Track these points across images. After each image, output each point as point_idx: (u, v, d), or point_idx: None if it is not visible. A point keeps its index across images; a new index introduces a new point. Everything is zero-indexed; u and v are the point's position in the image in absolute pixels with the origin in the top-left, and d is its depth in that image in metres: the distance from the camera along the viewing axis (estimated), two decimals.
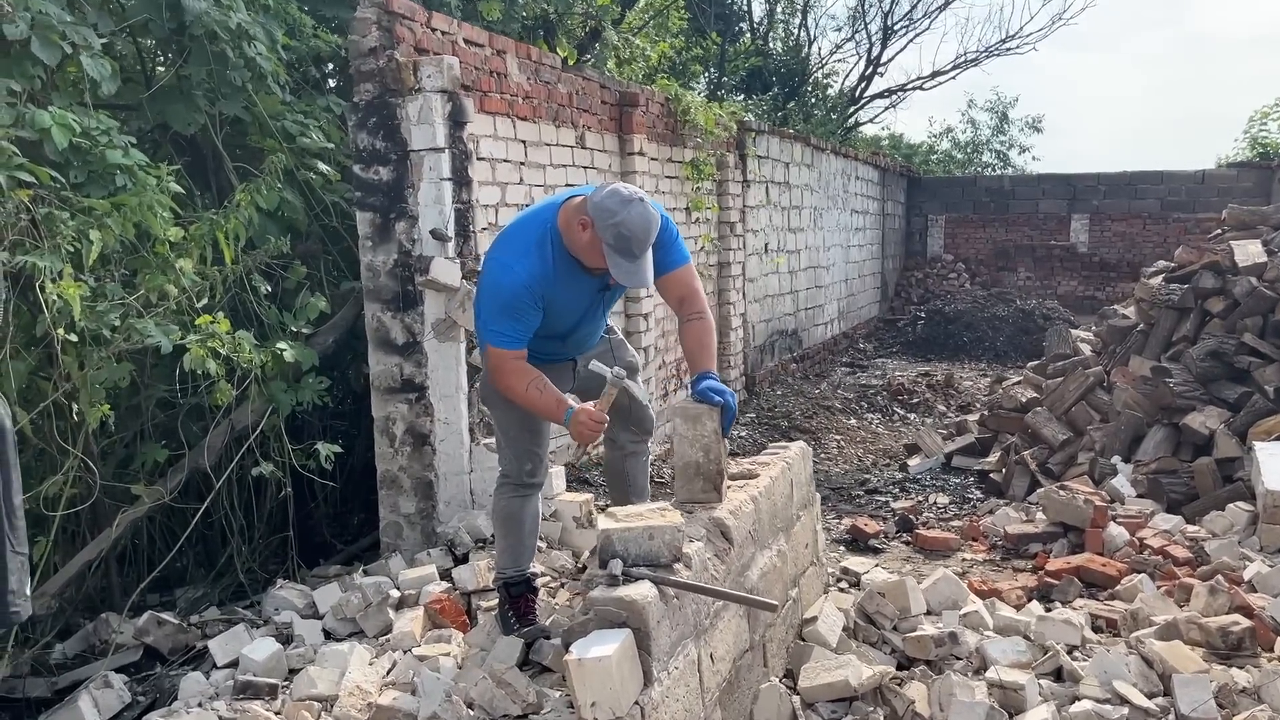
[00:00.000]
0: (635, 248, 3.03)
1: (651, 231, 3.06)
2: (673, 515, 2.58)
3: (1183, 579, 4.67)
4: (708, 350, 3.34)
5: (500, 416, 3.50)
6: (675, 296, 3.38)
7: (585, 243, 3.08)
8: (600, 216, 3.02)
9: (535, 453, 3.51)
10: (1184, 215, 16.37)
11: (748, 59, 13.60)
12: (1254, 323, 6.32)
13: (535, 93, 5.63)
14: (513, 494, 3.52)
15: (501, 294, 3.12)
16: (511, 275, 3.11)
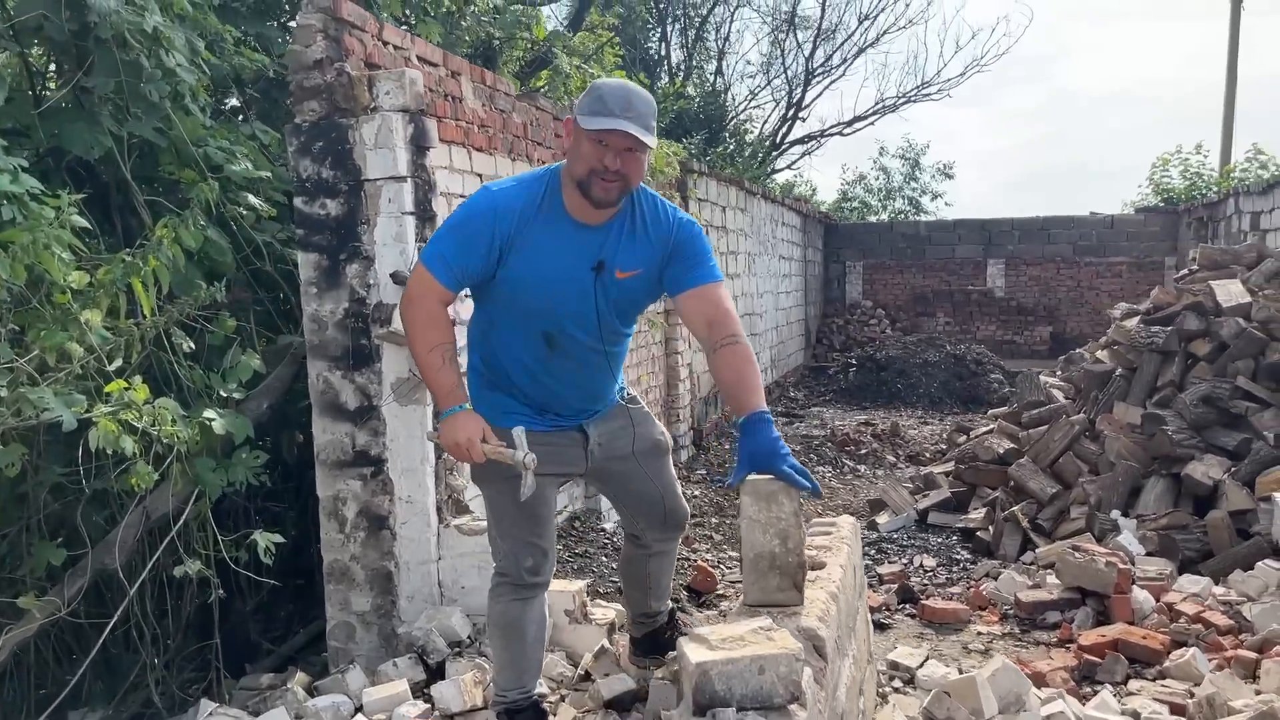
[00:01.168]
0: (611, 101, 2.53)
1: (629, 89, 2.58)
2: (782, 637, 1.95)
3: (1232, 650, 4.23)
4: (752, 385, 2.66)
5: (494, 497, 2.88)
6: (702, 318, 2.73)
7: (571, 144, 2.63)
8: (579, 103, 2.64)
9: (538, 545, 2.90)
10: (1095, 259, 16.61)
11: (675, 101, 13.22)
12: (1245, 365, 6.04)
13: (490, 121, 5.00)
14: (512, 597, 2.93)
15: (462, 210, 2.70)
16: (483, 194, 2.72)
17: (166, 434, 3.19)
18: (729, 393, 2.71)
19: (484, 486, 2.92)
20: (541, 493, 2.82)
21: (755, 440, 2.54)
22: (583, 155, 2.57)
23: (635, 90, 2.59)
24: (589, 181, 2.58)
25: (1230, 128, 17.27)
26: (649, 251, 2.73)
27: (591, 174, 2.56)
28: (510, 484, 2.75)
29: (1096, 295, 16.55)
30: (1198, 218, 14.72)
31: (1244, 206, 12.60)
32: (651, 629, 3.37)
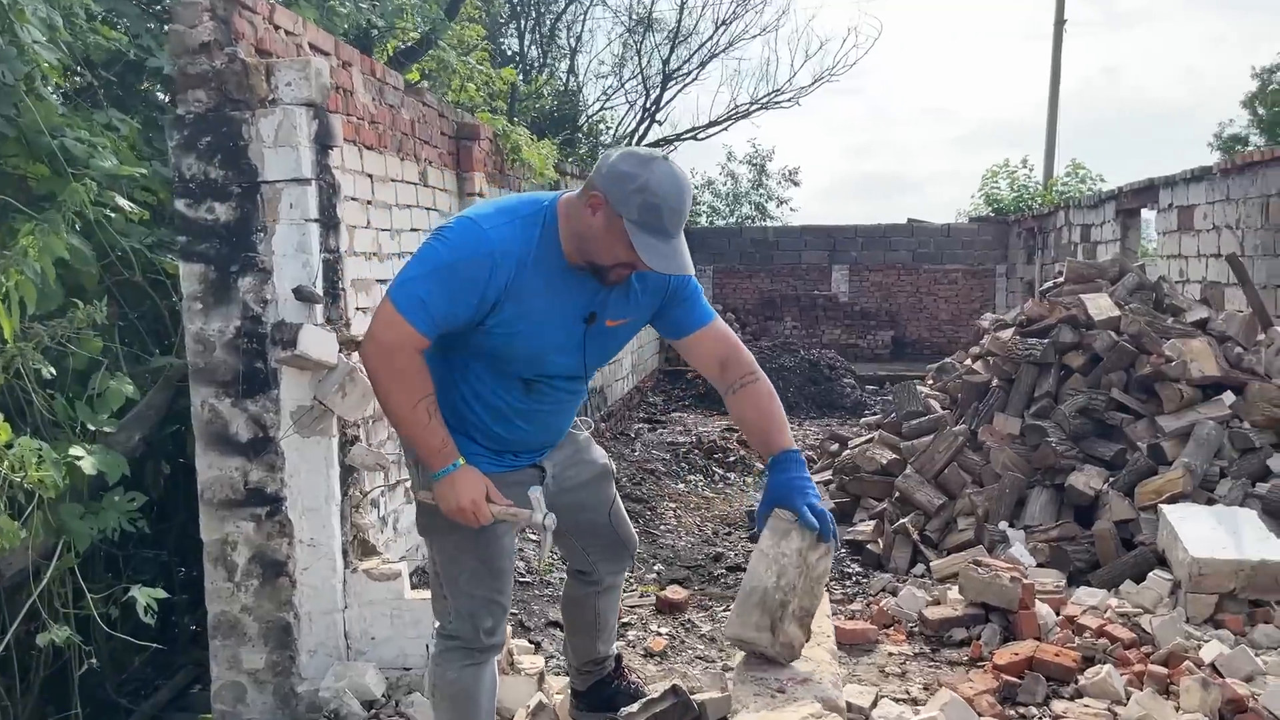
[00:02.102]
0: (669, 220, 2.25)
1: (686, 199, 2.30)
2: (830, 712, 1.72)
3: (1140, 665, 4.30)
4: (780, 423, 2.54)
5: (449, 550, 2.55)
6: (715, 359, 2.57)
7: (598, 229, 2.28)
8: (616, 185, 2.25)
9: (497, 602, 2.61)
10: (933, 266, 17.24)
11: (536, 100, 12.85)
12: (1118, 377, 6.24)
13: (381, 117, 4.58)
14: (465, 662, 2.62)
15: (448, 249, 2.30)
16: (473, 232, 2.31)
17: (31, 480, 2.68)
18: (754, 432, 2.56)
19: (434, 537, 2.58)
20: (501, 543, 2.56)
21: (785, 477, 2.42)
22: (613, 251, 2.30)
23: (688, 193, 2.32)
24: (607, 271, 2.34)
25: (1053, 143, 18.30)
26: (644, 299, 2.52)
27: (614, 266, 2.33)
28: (472, 534, 2.45)
29: (934, 301, 17.20)
30: (1028, 228, 15.47)
31: (1074, 219, 13.29)
32: (598, 678, 3.09)
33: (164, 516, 4.00)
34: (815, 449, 9.59)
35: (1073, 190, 17.07)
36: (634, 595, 5.62)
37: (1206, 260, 9.15)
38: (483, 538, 2.49)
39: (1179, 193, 9.81)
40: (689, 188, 2.33)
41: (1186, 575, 4.80)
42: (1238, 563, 4.68)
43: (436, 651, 2.64)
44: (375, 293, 4.34)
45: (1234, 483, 5.43)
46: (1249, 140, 26.56)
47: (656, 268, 2.26)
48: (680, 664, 4.62)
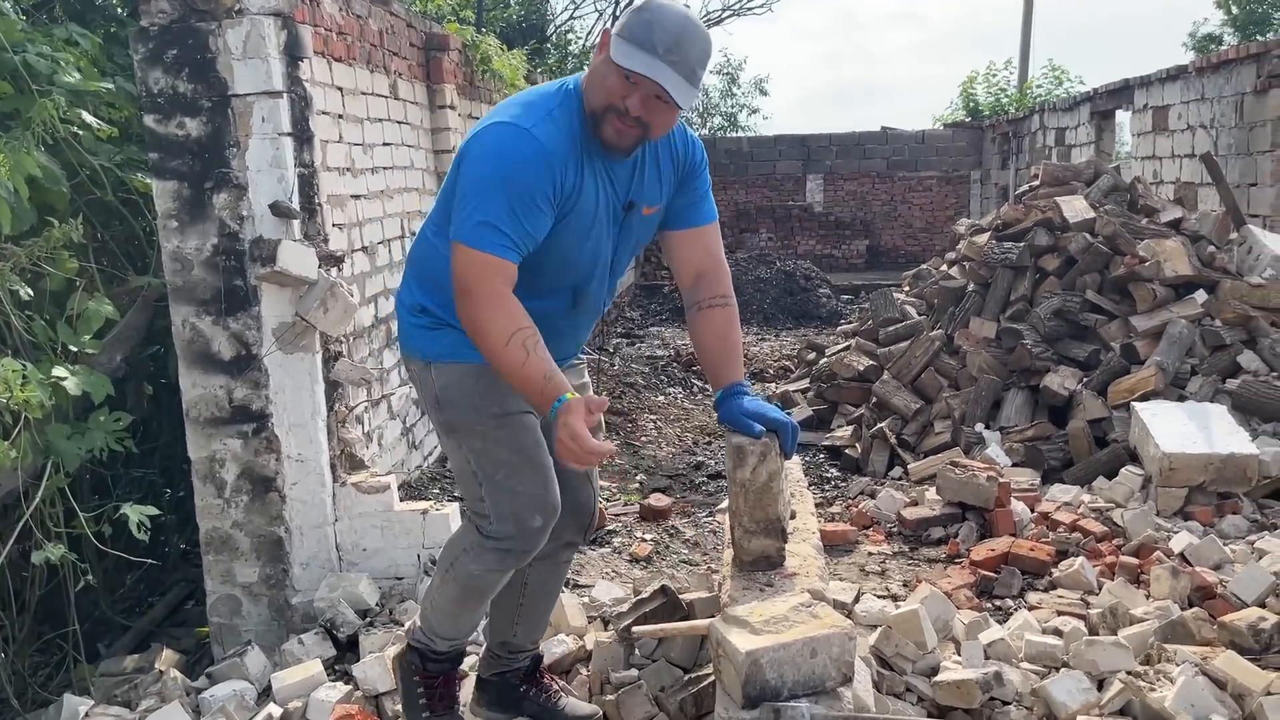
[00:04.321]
0: (659, 36, 2.06)
1: (689, 31, 2.10)
2: (827, 613, 1.78)
3: (1112, 557, 4.43)
4: (736, 353, 2.46)
5: (480, 447, 2.36)
6: (691, 267, 2.45)
7: (600, 67, 2.14)
8: (624, 19, 2.13)
9: (547, 499, 2.38)
10: (908, 174, 17.16)
11: (504, 10, 12.54)
12: (1092, 279, 6.30)
13: (349, 28, 4.48)
14: (495, 566, 2.41)
15: (507, 163, 2.07)
16: (522, 138, 2.10)
17: (17, 400, 2.67)
18: (711, 357, 2.44)
19: (465, 436, 2.36)
20: (538, 435, 2.39)
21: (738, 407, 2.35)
22: (606, 86, 2.13)
23: (691, 27, 2.12)
24: (602, 117, 2.15)
25: (1027, 46, 18.10)
26: (670, 178, 2.36)
27: (608, 110, 2.14)
28: (502, 428, 2.31)
29: (909, 209, 17.16)
30: (1002, 133, 15.39)
31: (1048, 123, 13.23)
32: (505, 670, 2.78)
33: (149, 437, 4.00)
34: (793, 359, 9.68)
35: (1049, 93, 16.94)
36: (618, 504, 5.71)
37: (1181, 161, 9.17)
38: (514, 427, 2.33)
39: (1154, 93, 9.78)
40: (697, 28, 2.13)
41: (1157, 470, 4.92)
42: (1207, 457, 4.80)
43: (469, 542, 2.43)
44: (350, 209, 4.30)
45: (1205, 380, 5.53)
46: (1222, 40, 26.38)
47: (631, 67, 2.06)
48: (666, 567, 4.72)
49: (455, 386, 2.35)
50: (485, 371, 2.27)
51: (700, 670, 2.88)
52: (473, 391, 2.33)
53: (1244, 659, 3.15)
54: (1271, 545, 4.26)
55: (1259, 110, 7.83)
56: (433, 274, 2.35)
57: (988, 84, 18.25)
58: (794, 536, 2.49)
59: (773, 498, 2.28)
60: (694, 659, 2.95)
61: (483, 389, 2.32)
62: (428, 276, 2.38)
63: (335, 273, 3.52)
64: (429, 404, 2.45)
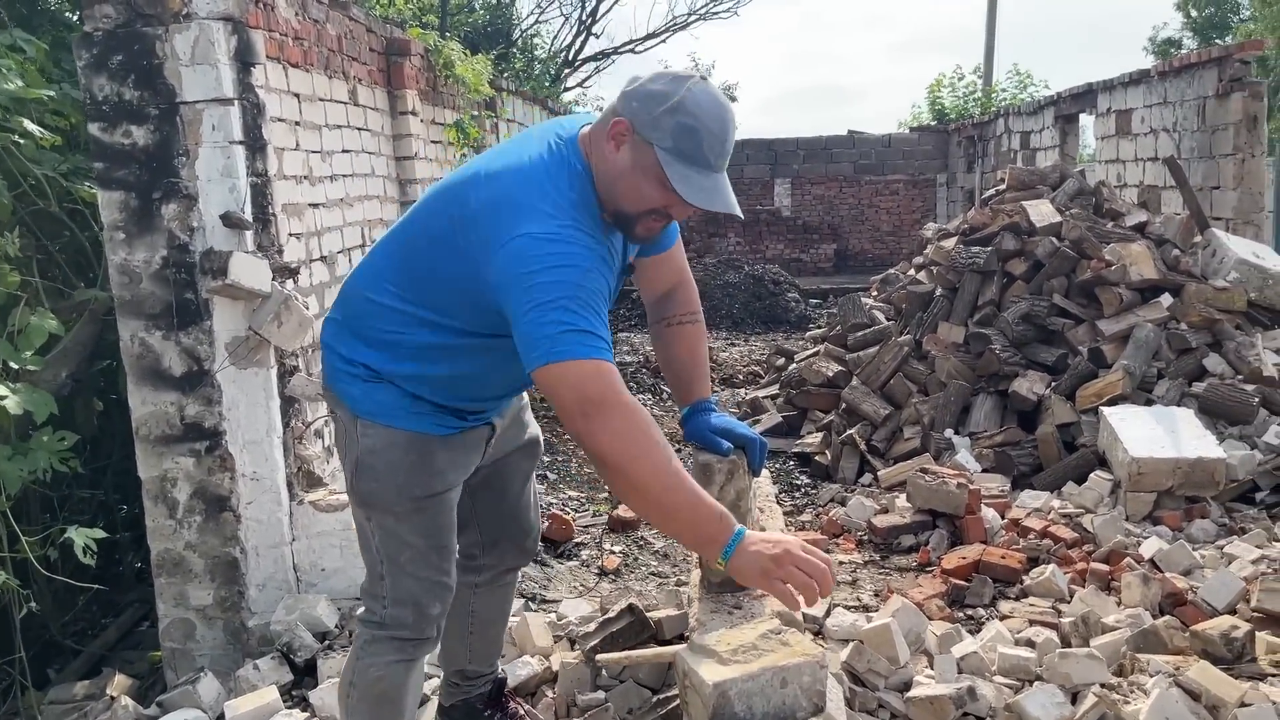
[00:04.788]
0: (709, 147, 1.88)
1: (730, 125, 1.93)
2: (797, 640, 1.72)
3: (1083, 564, 4.41)
4: (704, 370, 2.40)
5: (391, 528, 2.19)
6: (665, 283, 2.36)
7: (623, 167, 1.92)
8: (645, 107, 1.88)
9: (447, 584, 2.26)
10: (875, 177, 17.22)
11: (469, 15, 12.43)
12: (1059, 283, 6.30)
13: (305, 33, 4.37)
14: (397, 657, 2.24)
15: (560, 267, 1.80)
16: (581, 243, 1.86)
17: None
18: (680, 373, 2.35)
19: (378, 512, 2.19)
20: (453, 516, 2.25)
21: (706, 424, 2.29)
22: (643, 194, 1.93)
23: (730, 116, 1.95)
24: (635, 220, 1.98)
25: (992, 50, 18.22)
26: None
27: (645, 214, 1.97)
28: (420, 512, 2.15)
29: (876, 213, 17.22)
30: (967, 137, 15.48)
31: (1014, 126, 13.30)
32: (465, 697, 2.68)
33: (100, 455, 3.88)
34: (762, 364, 9.64)
35: (1014, 97, 17.05)
36: (587, 515, 5.63)
37: (1144, 164, 9.23)
38: (432, 511, 2.18)
39: (1117, 97, 9.84)
40: (731, 112, 1.96)
41: (1126, 475, 4.91)
42: (1175, 461, 4.80)
43: (361, 642, 2.27)
44: (308, 218, 4.19)
45: (1171, 383, 5.54)
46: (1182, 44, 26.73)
47: (699, 204, 1.91)
48: (635, 581, 4.65)
49: (381, 456, 2.14)
50: (418, 443, 2.13)
51: (669, 691, 2.81)
52: (399, 467, 2.13)
53: (1217, 669, 3.12)
54: (1240, 550, 4.25)
55: (1221, 114, 7.88)
56: (378, 334, 2.14)
57: (953, 88, 18.36)
58: None
59: (741, 516, 2.21)
60: (662, 679, 2.88)
61: (409, 466, 2.13)
62: (373, 336, 2.15)
63: (291, 284, 3.42)
64: (347, 463, 2.22)
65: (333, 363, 2.22)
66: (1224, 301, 5.81)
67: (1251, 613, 3.65)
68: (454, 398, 2.17)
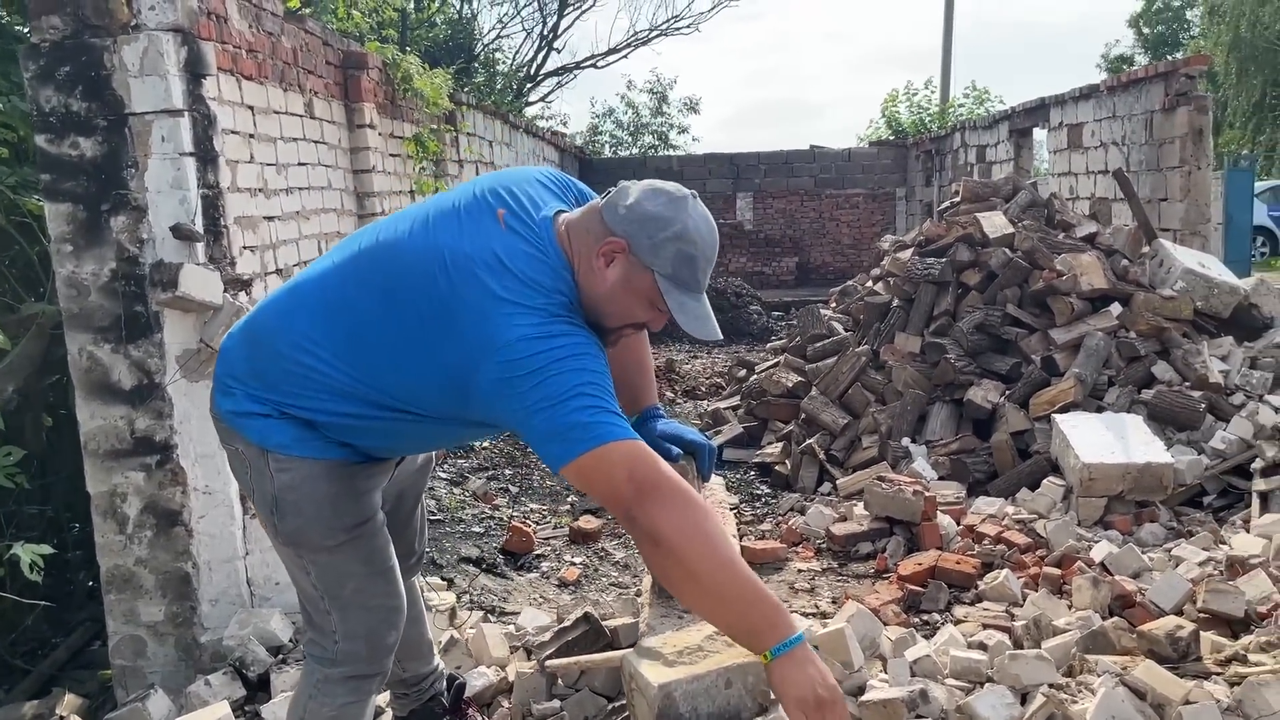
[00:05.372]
0: (703, 272, 1.94)
1: (714, 251, 1.97)
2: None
3: (1035, 568, 4.47)
4: (650, 378, 2.42)
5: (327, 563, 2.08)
6: None
7: (615, 284, 1.89)
8: (646, 232, 1.86)
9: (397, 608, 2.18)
10: (835, 191, 17.39)
11: (429, 29, 12.43)
12: (1012, 293, 6.39)
13: (260, 46, 4.36)
14: (349, 698, 2.14)
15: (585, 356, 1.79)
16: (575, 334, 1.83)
17: None
18: (624, 384, 2.27)
19: (309, 551, 2.07)
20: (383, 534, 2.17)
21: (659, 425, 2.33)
22: (630, 310, 1.94)
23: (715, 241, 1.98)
24: (611, 331, 1.98)
25: (948, 66, 18.50)
26: None
27: (627, 326, 1.99)
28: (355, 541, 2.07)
29: (836, 226, 17.38)
30: (925, 151, 15.68)
31: (970, 140, 13.50)
32: (419, 702, 2.63)
33: (49, 470, 3.83)
34: (724, 375, 9.69)
35: (970, 112, 17.31)
36: (548, 527, 5.62)
37: (1095, 177, 9.40)
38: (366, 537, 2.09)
39: (1068, 111, 10.02)
40: (714, 233, 1.99)
41: (1078, 480, 4.99)
42: (1125, 466, 4.88)
43: (313, 681, 2.16)
44: (263, 230, 4.17)
45: (1121, 390, 5.63)
46: (1134, 59, 27.27)
47: (693, 333, 1.93)
48: (594, 591, 4.66)
49: (302, 490, 2.01)
50: (338, 471, 2.04)
51: (624, 699, 2.82)
52: (324, 500, 2.02)
53: (1163, 668, 3.17)
54: (1187, 552, 4.33)
55: (1167, 128, 8.06)
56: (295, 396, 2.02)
57: (909, 102, 18.61)
58: None
59: None
60: (618, 687, 2.89)
61: (334, 497, 2.03)
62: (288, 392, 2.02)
63: (244, 296, 3.40)
64: (260, 501, 2.09)
65: (230, 396, 2.08)
66: (1171, 310, 5.93)
67: (1198, 613, 3.72)
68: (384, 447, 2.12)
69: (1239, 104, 24.83)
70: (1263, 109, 24.92)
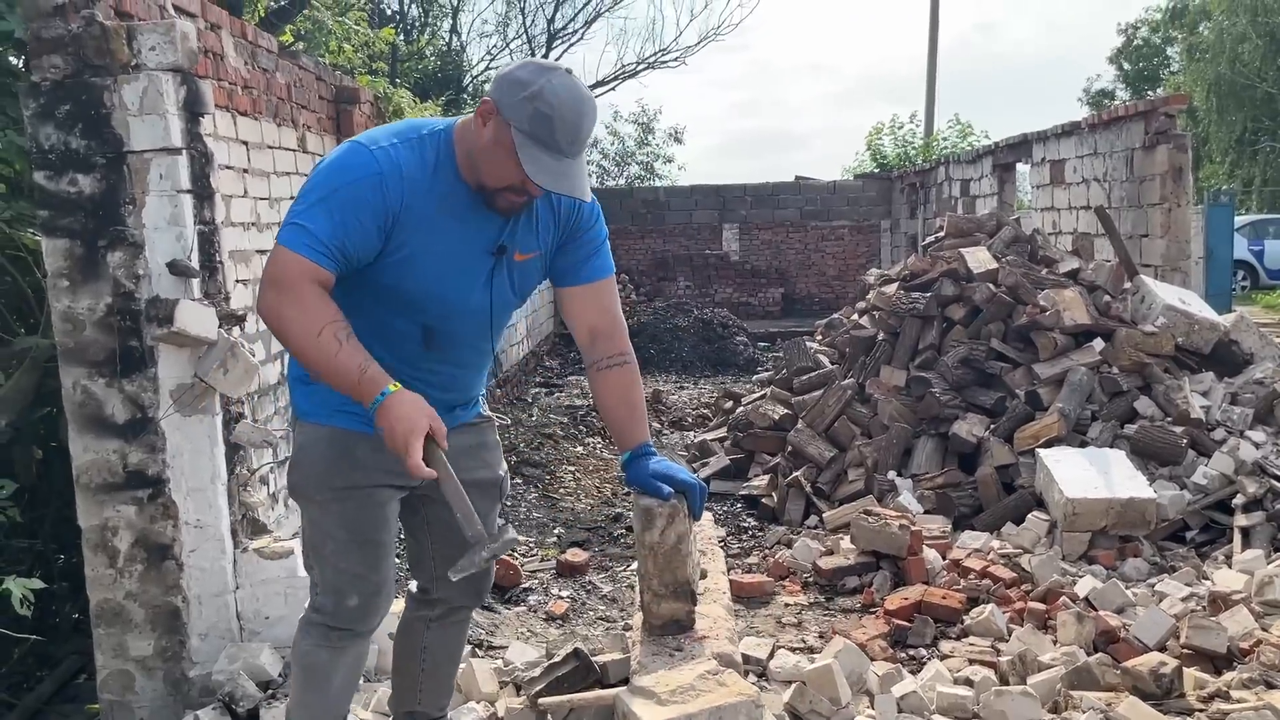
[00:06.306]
0: (561, 133, 2.05)
1: (586, 116, 2.10)
2: (734, 680, 1.77)
3: (1021, 603, 4.51)
4: (640, 413, 2.46)
5: (316, 517, 2.36)
6: (587, 324, 2.41)
7: (486, 142, 2.10)
8: (508, 92, 2.07)
9: (369, 579, 2.37)
10: (820, 223, 17.54)
11: (419, 61, 12.53)
12: (996, 328, 6.47)
13: (254, 82, 4.42)
14: (322, 641, 2.40)
15: (336, 174, 2.10)
16: (363, 155, 2.12)
17: None
18: (615, 420, 2.44)
19: (304, 502, 2.39)
20: (377, 511, 2.35)
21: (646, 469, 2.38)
22: (500, 172, 2.12)
23: (588, 107, 2.11)
24: (494, 194, 2.16)
25: (932, 100, 18.72)
26: (549, 229, 2.32)
27: (503, 189, 2.15)
28: (341, 502, 2.29)
29: (822, 257, 17.52)
30: (910, 184, 15.84)
31: (954, 174, 13.66)
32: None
33: (38, 503, 3.83)
34: (711, 407, 9.72)
35: (954, 146, 17.52)
36: (535, 560, 5.63)
37: (1077, 212, 9.53)
38: (353, 503, 2.28)
39: (1051, 147, 10.16)
40: (589, 104, 2.11)
41: (1062, 515, 5.04)
42: (1108, 501, 4.93)
43: (302, 618, 2.46)
44: (255, 264, 4.21)
45: (1104, 425, 5.70)
46: (1115, 95, 27.65)
47: (543, 184, 2.06)
48: (582, 626, 4.66)
49: (308, 450, 2.34)
50: (340, 438, 2.30)
51: None
52: (323, 459, 2.31)
53: (1146, 704, 3.22)
54: (1170, 588, 4.38)
55: (1148, 165, 8.19)
56: None
57: (894, 135, 18.82)
58: (705, 597, 2.48)
59: (681, 560, 2.26)
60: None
61: (333, 457, 2.30)
62: None
63: (238, 331, 3.43)
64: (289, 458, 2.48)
65: (290, 372, 2.44)
66: (1153, 346, 6.01)
67: (1181, 649, 3.77)
68: None
69: (1219, 139, 25.20)
70: (1242, 144, 25.30)
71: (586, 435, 9.41)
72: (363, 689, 3.18)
